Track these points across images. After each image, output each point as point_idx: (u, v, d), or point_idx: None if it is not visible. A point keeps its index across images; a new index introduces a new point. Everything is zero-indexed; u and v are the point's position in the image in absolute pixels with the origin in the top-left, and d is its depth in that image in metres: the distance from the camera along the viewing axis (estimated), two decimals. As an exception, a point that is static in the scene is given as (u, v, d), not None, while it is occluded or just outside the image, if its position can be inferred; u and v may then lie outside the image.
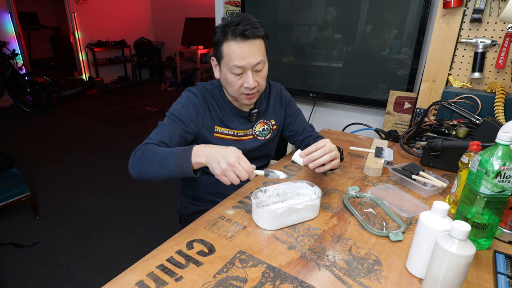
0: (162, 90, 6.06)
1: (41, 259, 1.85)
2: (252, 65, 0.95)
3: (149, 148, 0.91)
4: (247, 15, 0.95)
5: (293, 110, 1.24)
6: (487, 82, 1.39)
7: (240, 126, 1.11)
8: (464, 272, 0.55)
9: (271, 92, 1.19)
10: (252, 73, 0.96)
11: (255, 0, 2.12)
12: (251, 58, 0.94)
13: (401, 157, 1.29)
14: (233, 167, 0.78)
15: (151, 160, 0.87)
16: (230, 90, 1.01)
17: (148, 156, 0.88)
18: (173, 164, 0.83)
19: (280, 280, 0.66)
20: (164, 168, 0.84)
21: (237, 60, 0.93)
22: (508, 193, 0.70)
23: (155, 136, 0.96)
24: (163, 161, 0.85)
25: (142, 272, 0.67)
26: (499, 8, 1.30)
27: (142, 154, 0.90)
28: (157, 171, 0.86)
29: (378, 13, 1.76)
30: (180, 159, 0.83)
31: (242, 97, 1.02)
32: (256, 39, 0.94)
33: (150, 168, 0.87)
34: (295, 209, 0.82)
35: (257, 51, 0.95)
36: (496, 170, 0.67)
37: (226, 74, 0.98)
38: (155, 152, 0.88)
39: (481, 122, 1.10)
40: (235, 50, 0.93)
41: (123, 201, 2.46)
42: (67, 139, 3.71)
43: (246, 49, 0.93)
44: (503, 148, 0.68)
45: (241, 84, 0.98)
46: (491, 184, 0.69)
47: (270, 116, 1.18)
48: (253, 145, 1.14)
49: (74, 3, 5.47)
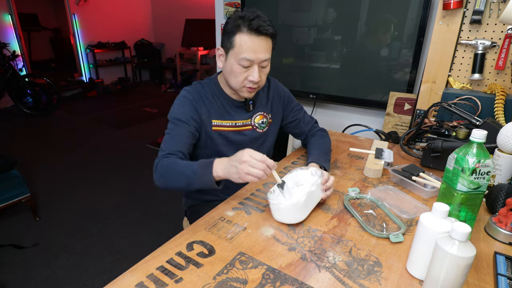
0: (162, 92, 6.07)
1: (41, 260, 1.85)
2: (260, 60, 0.98)
3: (168, 165, 0.94)
4: (260, 12, 0.97)
5: (294, 106, 1.26)
6: (487, 84, 1.39)
7: (238, 116, 1.13)
8: (465, 274, 0.55)
9: (270, 86, 1.22)
10: (258, 68, 0.99)
11: (255, 2, 2.12)
12: (261, 54, 0.97)
13: (401, 159, 1.29)
14: (247, 162, 0.80)
15: (175, 178, 0.93)
16: (233, 81, 1.03)
17: (172, 173, 0.94)
18: (198, 182, 0.90)
19: (280, 282, 0.65)
20: (190, 185, 0.91)
21: (247, 53, 0.95)
22: (483, 189, 0.73)
23: (167, 147, 0.99)
24: (187, 179, 0.90)
25: (142, 274, 0.67)
26: (498, 9, 1.30)
27: (165, 171, 0.95)
28: (184, 187, 0.94)
29: (378, 15, 1.76)
30: (202, 178, 0.88)
31: (243, 90, 1.04)
32: (267, 36, 0.97)
33: (177, 185, 0.94)
34: (311, 192, 0.84)
35: (266, 48, 0.98)
36: (472, 168, 0.69)
37: (233, 64, 0.99)
38: (176, 168, 0.93)
39: (481, 123, 1.10)
40: (248, 43, 0.95)
41: (123, 203, 2.45)
42: (67, 141, 3.71)
43: (257, 44, 0.96)
44: (477, 146, 0.70)
45: (246, 77, 1.00)
46: (467, 181, 0.71)
47: (268, 110, 1.20)
48: (252, 135, 1.16)
49: (74, 5, 5.48)
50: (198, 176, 0.88)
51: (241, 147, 1.14)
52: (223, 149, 1.12)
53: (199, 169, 0.89)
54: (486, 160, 0.69)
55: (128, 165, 3.10)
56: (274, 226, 0.84)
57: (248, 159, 0.81)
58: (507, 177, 0.98)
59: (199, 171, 0.89)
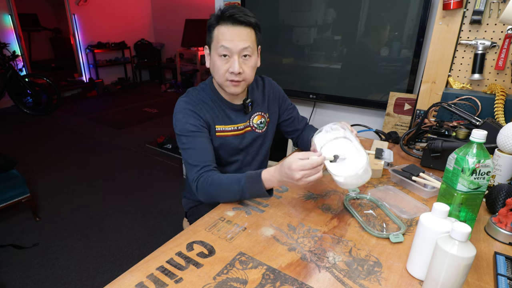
0: (162, 92, 6.07)
1: (41, 260, 1.85)
2: (239, 48, 0.96)
3: (212, 182, 0.95)
4: (242, 7, 0.98)
5: (288, 105, 1.26)
6: (487, 84, 1.39)
7: (238, 119, 1.12)
8: (465, 274, 0.55)
9: (265, 85, 1.21)
10: (238, 58, 0.97)
11: (255, 2, 2.12)
12: (239, 42, 0.96)
13: (401, 159, 1.29)
14: (302, 178, 0.78)
15: (223, 194, 0.94)
16: (216, 76, 1.02)
17: (217, 191, 0.94)
18: (247, 196, 0.91)
19: (280, 282, 0.65)
20: (241, 198, 0.94)
21: (224, 41, 0.95)
22: (483, 189, 0.73)
23: (197, 162, 0.99)
24: (235, 195, 0.92)
25: (142, 274, 0.67)
26: (498, 9, 1.30)
27: (209, 189, 0.95)
28: (235, 201, 0.95)
29: (378, 15, 1.76)
30: (254, 191, 0.90)
31: (227, 84, 1.02)
32: (246, 26, 0.96)
33: (227, 200, 0.95)
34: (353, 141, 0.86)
35: (246, 36, 0.97)
36: (472, 168, 0.69)
37: (214, 58, 0.99)
38: (222, 186, 0.93)
39: (481, 123, 1.10)
40: (224, 33, 0.95)
41: (123, 203, 2.45)
42: (67, 141, 3.71)
43: (235, 33, 0.95)
44: (477, 146, 0.70)
45: (227, 69, 0.98)
46: (467, 181, 0.71)
47: (265, 109, 1.19)
48: (251, 137, 1.15)
49: (74, 5, 5.49)
50: (248, 191, 0.90)
51: (241, 150, 1.14)
52: (224, 155, 1.13)
53: (248, 184, 0.89)
54: (486, 160, 0.69)
55: (128, 165, 3.10)
56: (274, 226, 0.84)
57: (300, 175, 0.78)
58: (507, 177, 0.98)
59: (248, 186, 0.89)
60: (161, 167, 3.07)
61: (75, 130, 4.08)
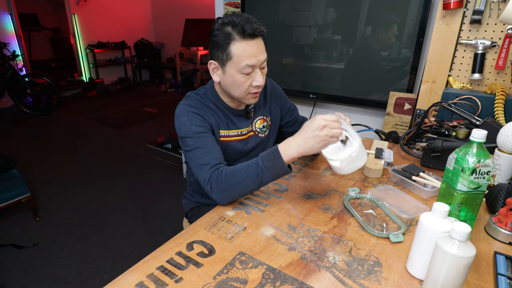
0: (162, 91, 6.07)
1: (41, 260, 1.85)
2: (261, 62, 0.96)
3: (226, 175, 0.89)
4: (245, 14, 0.95)
5: (289, 106, 1.26)
6: (487, 83, 1.39)
7: (241, 124, 1.11)
8: (465, 274, 0.55)
9: (266, 87, 1.20)
10: (260, 71, 0.97)
11: (255, 1, 2.12)
12: (260, 56, 0.95)
13: (401, 158, 1.29)
14: (327, 125, 0.80)
15: (241, 183, 0.88)
16: (237, 92, 0.99)
17: (235, 182, 0.89)
18: (268, 176, 0.87)
19: (280, 282, 0.65)
20: (260, 184, 0.89)
21: (248, 59, 0.92)
22: (483, 189, 0.73)
23: (207, 160, 0.94)
24: (256, 179, 0.87)
25: (142, 274, 0.67)
26: (498, 9, 1.30)
27: (225, 182, 0.89)
28: (255, 189, 0.91)
29: (378, 14, 1.76)
30: (274, 169, 0.86)
31: (248, 97, 1.01)
32: (260, 37, 0.95)
33: (246, 191, 0.90)
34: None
35: (263, 48, 0.96)
36: (472, 167, 0.69)
37: (235, 75, 0.95)
38: (238, 174, 0.88)
39: (481, 123, 1.10)
40: (246, 50, 0.92)
41: (123, 202, 2.46)
42: (67, 140, 3.71)
43: (255, 48, 0.93)
44: (477, 146, 0.70)
45: (250, 84, 0.97)
46: (467, 181, 0.71)
47: (267, 113, 1.19)
48: (255, 141, 1.14)
49: (74, 5, 5.49)
50: (268, 170, 0.85)
51: (244, 155, 1.14)
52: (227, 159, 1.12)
53: (265, 162, 0.85)
54: (486, 160, 0.69)
55: (128, 165, 3.10)
56: (274, 226, 0.84)
57: (326, 122, 0.80)
58: (507, 177, 0.98)
59: (266, 165, 0.85)
60: (161, 167, 3.07)
61: (75, 130, 4.09)
